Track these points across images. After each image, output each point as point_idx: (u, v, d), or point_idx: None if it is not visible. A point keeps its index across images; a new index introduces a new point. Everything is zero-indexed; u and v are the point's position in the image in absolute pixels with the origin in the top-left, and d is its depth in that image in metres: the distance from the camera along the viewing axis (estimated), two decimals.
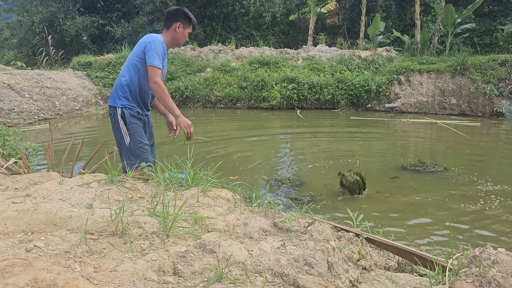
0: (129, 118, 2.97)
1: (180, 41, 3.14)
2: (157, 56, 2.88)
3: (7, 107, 9.20)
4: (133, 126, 2.97)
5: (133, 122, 2.98)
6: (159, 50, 2.91)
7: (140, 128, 3.03)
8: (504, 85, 10.78)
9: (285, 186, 4.67)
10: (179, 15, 3.06)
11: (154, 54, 2.87)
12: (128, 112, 2.97)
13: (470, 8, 13.86)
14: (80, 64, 13.47)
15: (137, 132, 2.99)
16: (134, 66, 3.00)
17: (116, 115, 2.97)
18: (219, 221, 1.86)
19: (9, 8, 22.09)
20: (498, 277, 1.39)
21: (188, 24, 3.10)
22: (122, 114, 2.95)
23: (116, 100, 2.98)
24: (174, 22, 3.05)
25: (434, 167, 5.38)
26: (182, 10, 3.08)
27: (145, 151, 3.00)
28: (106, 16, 18.92)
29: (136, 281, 1.28)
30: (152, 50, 2.88)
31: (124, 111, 2.95)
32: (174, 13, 3.07)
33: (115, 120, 2.99)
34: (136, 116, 3.02)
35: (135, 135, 2.97)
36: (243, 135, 8.22)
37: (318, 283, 1.38)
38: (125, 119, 2.96)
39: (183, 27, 3.08)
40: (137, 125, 3.01)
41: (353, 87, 11.66)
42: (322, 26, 21.57)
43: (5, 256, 1.35)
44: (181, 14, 3.06)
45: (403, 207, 4.04)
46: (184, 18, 3.07)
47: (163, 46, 2.96)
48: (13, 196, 1.99)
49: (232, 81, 12.63)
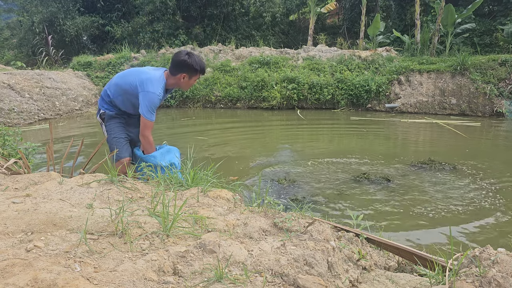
0: (108, 117, 3.25)
1: (184, 88, 3.24)
2: (150, 110, 2.95)
3: (7, 107, 9.20)
4: (110, 124, 3.25)
5: (111, 122, 3.26)
6: (154, 104, 2.95)
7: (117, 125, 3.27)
8: (504, 85, 10.78)
9: (285, 186, 4.67)
10: (184, 68, 3.01)
11: (149, 107, 2.95)
12: (110, 113, 3.26)
13: (470, 8, 13.87)
14: (80, 64, 13.47)
15: (112, 128, 3.25)
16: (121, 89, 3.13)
17: (98, 117, 3.34)
18: (219, 221, 1.86)
19: (9, 8, 22.08)
20: (498, 277, 1.39)
21: (195, 74, 3.07)
22: (102, 115, 3.28)
23: (101, 104, 3.30)
24: (180, 72, 3.02)
25: (442, 165, 5.39)
26: (187, 63, 2.99)
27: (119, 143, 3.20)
28: (106, 16, 18.92)
29: (136, 281, 1.28)
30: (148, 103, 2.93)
31: (106, 112, 3.26)
32: (180, 64, 3.00)
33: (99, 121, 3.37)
34: (117, 116, 3.28)
35: (110, 131, 3.24)
36: (243, 135, 8.23)
37: (318, 283, 1.38)
38: (104, 119, 3.27)
39: (188, 78, 3.07)
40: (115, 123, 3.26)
41: (353, 87, 11.66)
42: (322, 26, 21.58)
43: (5, 256, 1.35)
44: (186, 67, 3.00)
45: (404, 206, 4.04)
46: (189, 70, 3.02)
47: (159, 98, 2.99)
48: (13, 196, 1.99)
49: (232, 81, 12.63)
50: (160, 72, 3.06)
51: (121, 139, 3.22)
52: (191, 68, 3.02)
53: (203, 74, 3.15)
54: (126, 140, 3.26)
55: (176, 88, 3.43)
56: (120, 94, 3.14)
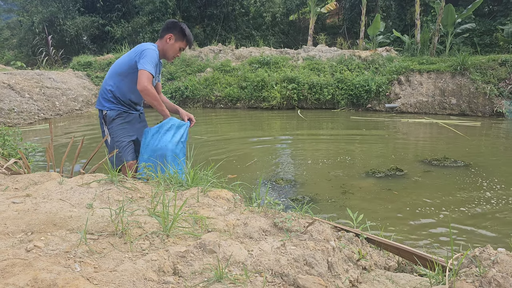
0: (109, 120, 3.11)
1: (169, 53, 3.10)
2: (150, 62, 2.87)
3: (7, 107, 9.20)
4: (112, 126, 3.11)
5: (113, 124, 3.11)
6: (153, 58, 2.90)
7: (120, 127, 3.12)
8: (504, 85, 10.78)
9: (285, 186, 4.67)
10: (174, 28, 3.05)
11: (147, 60, 2.87)
12: (112, 114, 3.09)
13: (470, 8, 13.87)
14: (80, 64, 13.48)
15: (116, 131, 3.11)
16: (121, 74, 3.04)
17: (100, 118, 3.17)
18: (219, 221, 1.86)
19: (9, 8, 22.10)
20: (498, 277, 1.39)
21: (181, 38, 3.07)
22: (105, 117, 3.11)
23: (101, 104, 3.13)
24: (167, 32, 3.04)
25: (442, 165, 5.39)
26: (179, 24, 3.05)
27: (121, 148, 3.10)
28: (106, 16, 18.93)
29: (136, 281, 1.28)
30: (146, 57, 2.88)
31: (107, 113, 3.10)
32: (170, 25, 3.06)
33: (100, 122, 3.20)
34: (121, 116, 3.12)
35: (114, 133, 3.11)
36: (243, 135, 8.23)
37: (318, 283, 1.38)
38: (106, 121, 3.12)
39: (174, 40, 3.05)
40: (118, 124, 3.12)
41: (353, 87, 11.66)
42: (322, 26, 21.59)
43: (5, 256, 1.35)
44: (176, 27, 3.04)
45: (404, 206, 4.04)
46: (178, 31, 3.04)
47: (157, 55, 2.96)
48: (13, 196, 1.99)
49: (232, 81, 12.63)
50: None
51: (124, 143, 3.13)
52: (179, 30, 3.04)
53: (190, 45, 3.16)
54: (130, 144, 3.18)
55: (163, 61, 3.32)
56: (121, 79, 3.04)
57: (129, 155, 3.11)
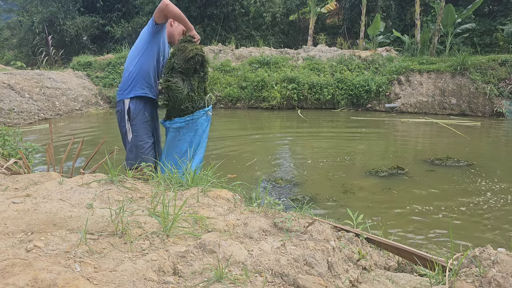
0: (134, 114, 3.00)
1: (174, 35, 3.22)
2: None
3: (7, 107, 9.20)
4: (137, 123, 3.02)
5: (138, 119, 3.01)
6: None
7: (143, 126, 3.05)
8: (504, 85, 10.78)
9: (285, 186, 4.67)
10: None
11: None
12: (134, 107, 3.00)
13: (470, 8, 13.87)
14: (80, 64, 13.47)
15: (139, 129, 3.03)
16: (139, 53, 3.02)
17: (122, 111, 3.03)
18: (219, 221, 1.86)
19: (9, 8, 22.10)
20: (498, 277, 1.39)
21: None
22: (129, 110, 2.99)
23: (124, 94, 3.02)
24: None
25: (442, 165, 5.39)
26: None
27: (145, 149, 3.03)
28: (106, 16, 18.94)
29: (136, 281, 1.28)
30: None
31: (130, 106, 2.99)
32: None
33: (121, 116, 3.05)
34: (144, 109, 3.04)
35: (137, 131, 3.02)
36: (243, 135, 8.22)
37: (318, 283, 1.38)
38: (130, 115, 3.00)
39: (177, 23, 3.19)
40: (142, 121, 3.04)
41: (353, 87, 11.66)
42: (322, 26, 21.58)
43: (5, 256, 1.35)
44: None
45: (404, 206, 4.04)
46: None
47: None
48: (13, 196, 1.99)
49: (232, 81, 12.63)
50: None
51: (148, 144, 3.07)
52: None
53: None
54: (151, 146, 3.13)
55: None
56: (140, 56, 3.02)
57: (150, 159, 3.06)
